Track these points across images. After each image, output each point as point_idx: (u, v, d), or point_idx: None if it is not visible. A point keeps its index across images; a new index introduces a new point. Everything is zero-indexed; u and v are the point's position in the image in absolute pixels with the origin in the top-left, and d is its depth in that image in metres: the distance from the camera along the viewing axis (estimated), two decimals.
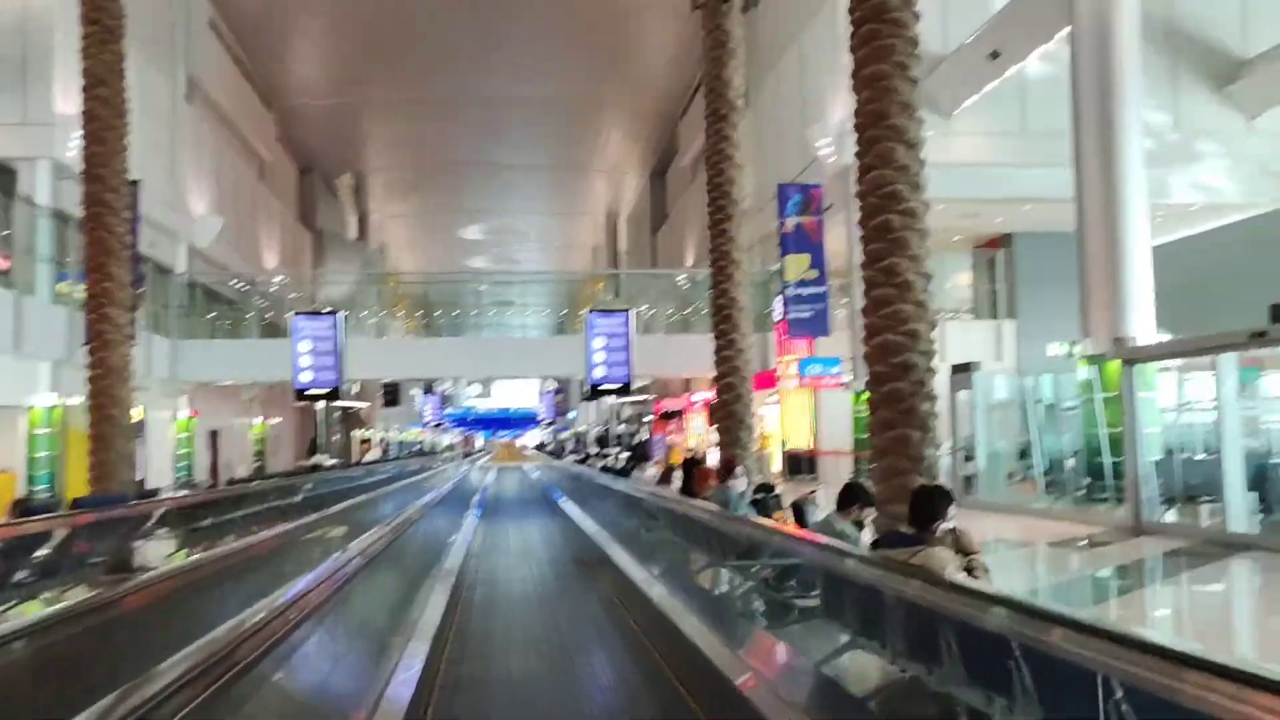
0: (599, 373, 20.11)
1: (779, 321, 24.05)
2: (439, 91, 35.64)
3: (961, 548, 4.36)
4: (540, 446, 65.27)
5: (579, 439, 58.98)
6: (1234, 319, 15.98)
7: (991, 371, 18.56)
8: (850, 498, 5.83)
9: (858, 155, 8.23)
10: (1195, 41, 20.72)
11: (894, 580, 3.32)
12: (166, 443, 25.46)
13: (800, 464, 23.15)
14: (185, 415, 26.18)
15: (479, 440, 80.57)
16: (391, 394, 50.20)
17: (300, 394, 20.97)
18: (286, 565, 8.35)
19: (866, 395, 19.31)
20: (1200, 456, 11.84)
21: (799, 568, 5.65)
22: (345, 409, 47.32)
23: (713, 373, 30.04)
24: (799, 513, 7.06)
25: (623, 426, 48.09)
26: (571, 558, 11.98)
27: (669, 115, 38.57)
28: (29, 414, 18.34)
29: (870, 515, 5.85)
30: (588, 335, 19.99)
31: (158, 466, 23.65)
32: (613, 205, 51.51)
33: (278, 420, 35.15)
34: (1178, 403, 13.31)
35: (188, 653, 4.23)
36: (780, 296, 20.64)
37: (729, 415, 10.05)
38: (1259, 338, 9.05)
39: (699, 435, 37.64)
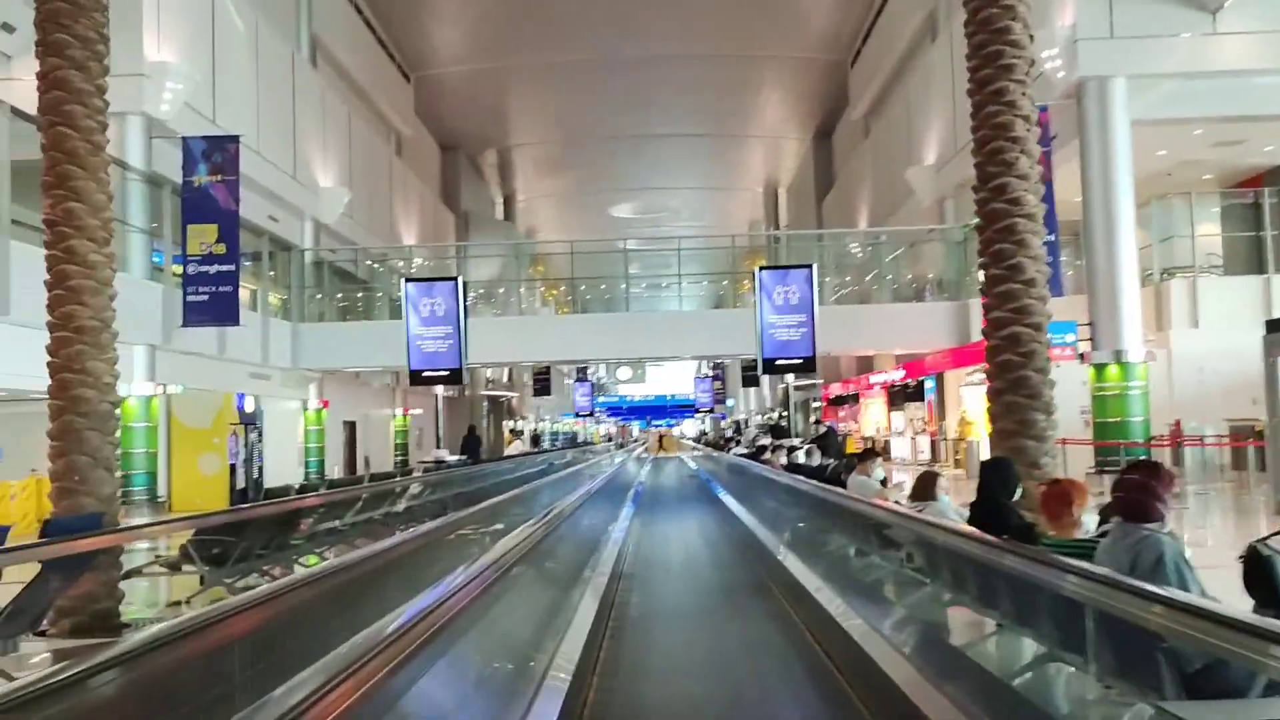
0: (775, 343, 16.48)
1: None
2: (584, 53, 32.71)
3: None
4: (699, 436, 62.07)
5: (739, 427, 55.57)
6: None
7: None
8: None
9: None
10: None
11: None
12: (292, 438, 23.29)
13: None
14: (315, 406, 24.00)
15: (634, 430, 78.04)
16: (542, 382, 47.86)
17: (415, 376, 18.14)
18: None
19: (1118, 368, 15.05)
20: None
21: None
22: (494, 398, 45.29)
23: (900, 349, 26.20)
24: (1267, 570, 3.41)
25: (781, 415, 44.36)
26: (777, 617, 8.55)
27: (836, 65, 34.56)
28: (121, 406, 16.09)
29: None
30: (759, 298, 16.41)
31: (280, 464, 21.41)
32: (772, 175, 47.78)
33: (419, 411, 32.98)
34: None
35: None
36: None
37: (1017, 387, 6.48)
38: None
39: (877, 423, 33.65)
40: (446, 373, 17.89)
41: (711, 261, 29.62)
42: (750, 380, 46.92)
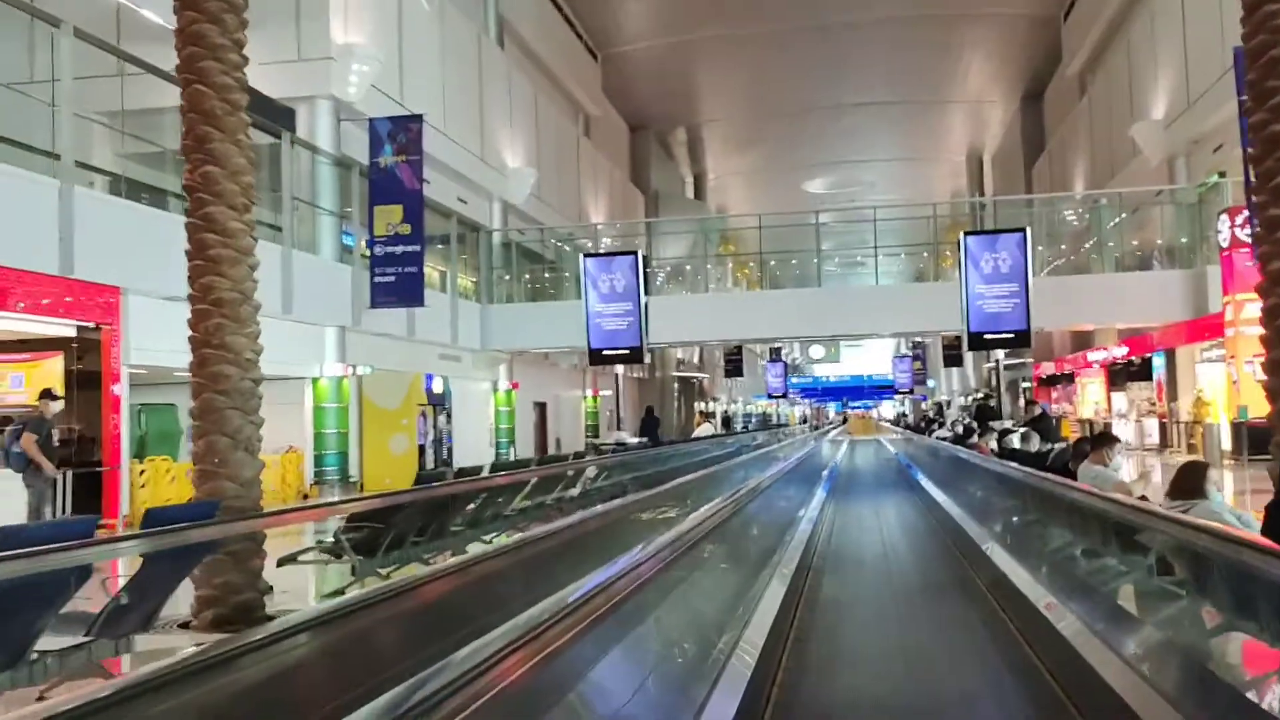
0: (983, 316, 14.91)
1: (1228, 248, 17.82)
2: (773, 22, 31.62)
3: None
4: (897, 419, 59.83)
5: (940, 409, 53.15)
6: None
7: None
8: None
9: None
10: None
11: None
12: (483, 419, 23.41)
13: (1250, 439, 16.78)
14: (505, 388, 24.05)
15: (830, 412, 76.13)
16: (734, 363, 47.03)
17: (595, 355, 17.55)
18: None
19: None
20: None
21: None
22: (684, 379, 44.79)
23: (1124, 323, 23.82)
24: None
25: (989, 395, 41.88)
26: None
27: (1045, 20, 32.03)
28: (313, 387, 16.36)
29: None
30: (964, 267, 14.93)
31: (471, 445, 21.50)
32: (975, 142, 45.17)
33: (608, 393, 32.81)
34: None
35: None
36: (1246, 209, 14.49)
37: None
38: None
39: (1095, 404, 31.13)
40: (626, 351, 17.26)
41: (910, 233, 27.98)
42: (952, 360, 44.64)
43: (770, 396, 54.53)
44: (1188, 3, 21.20)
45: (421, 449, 17.90)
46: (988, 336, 15.32)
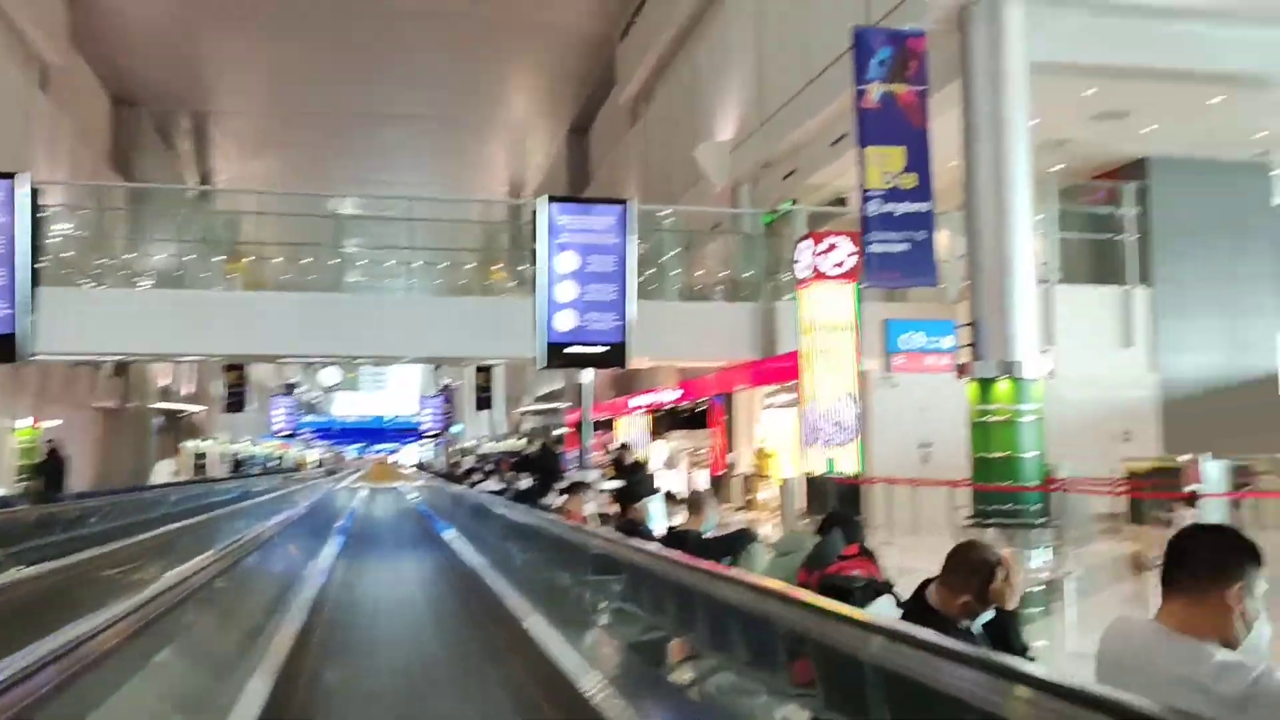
0: (567, 321, 10.73)
1: (806, 279, 15.70)
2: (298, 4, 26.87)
3: None
4: (422, 465, 55.67)
5: (475, 456, 49.81)
6: None
7: None
8: None
9: None
10: None
11: None
12: None
13: (839, 498, 14.61)
14: None
15: (349, 456, 70.34)
16: (237, 395, 40.27)
17: None
18: None
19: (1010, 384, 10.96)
20: None
21: None
22: (172, 413, 37.16)
23: (691, 361, 21.32)
24: None
25: (559, 439, 39.26)
26: None
27: (599, 41, 30.02)
28: None
29: None
30: (548, 250, 10.78)
31: None
32: (516, 176, 42.88)
33: (57, 422, 25.10)
34: None
35: None
36: (861, 216, 12.10)
37: None
38: None
39: (635, 455, 29.06)
40: None
41: (451, 254, 24.02)
42: (484, 402, 41.66)
43: (276, 435, 47.83)
44: (763, 20, 19.63)
45: None
46: (571, 350, 11.18)
